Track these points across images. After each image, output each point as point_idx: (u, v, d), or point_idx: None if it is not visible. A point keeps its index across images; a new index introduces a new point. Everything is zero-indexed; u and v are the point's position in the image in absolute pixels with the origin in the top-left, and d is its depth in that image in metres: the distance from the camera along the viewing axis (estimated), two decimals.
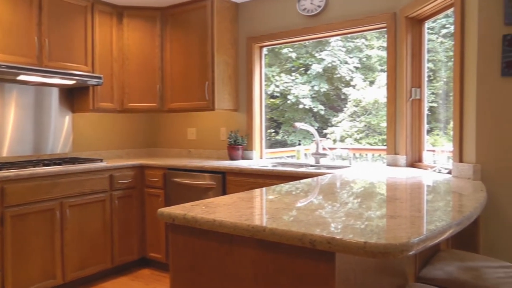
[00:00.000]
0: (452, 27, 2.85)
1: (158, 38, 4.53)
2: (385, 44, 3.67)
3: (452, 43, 2.87)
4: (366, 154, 7.06)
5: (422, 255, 2.10)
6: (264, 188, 2.25)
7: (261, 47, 4.48)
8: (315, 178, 2.75)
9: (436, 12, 3.26)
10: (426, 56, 3.55)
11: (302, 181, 2.61)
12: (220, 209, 1.64)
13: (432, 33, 15.18)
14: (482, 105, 2.55)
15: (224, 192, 3.74)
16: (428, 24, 3.48)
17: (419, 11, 3.30)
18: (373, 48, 16.09)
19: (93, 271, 3.84)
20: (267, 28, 4.31)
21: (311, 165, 3.97)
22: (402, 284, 1.86)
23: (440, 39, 15.45)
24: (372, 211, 1.64)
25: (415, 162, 3.50)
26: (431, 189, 2.33)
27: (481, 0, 2.54)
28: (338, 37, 14.59)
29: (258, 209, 1.72)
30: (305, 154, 4.87)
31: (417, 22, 3.48)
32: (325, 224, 1.40)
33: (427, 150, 3.61)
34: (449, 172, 2.88)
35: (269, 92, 15.56)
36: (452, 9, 2.87)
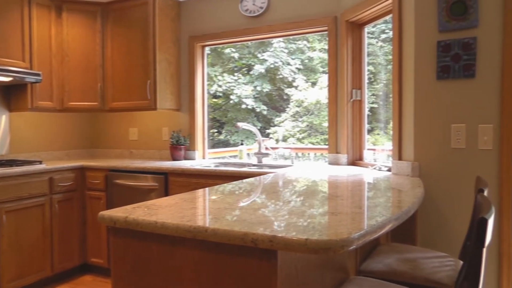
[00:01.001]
0: (391, 33, 2.96)
1: (99, 34, 4.38)
2: (326, 47, 3.74)
3: (391, 47, 2.98)
4: (309, 154, 7.18)
5: (363, 249, 2.16)
6: (207, 188, 2.23)
7: (203, 46, 4.45)
8: (258, 178, 2.76)
9: (376, 17, 3.37)
10: (366, 59, 3.66)
11: (245, 180, 2.61)
12: (162, 211, 1.61)
13: (372, 37, 15.69)
14: (420, 106, 2.67)
15: (166, 193, 3.67)
16: (368, 28, 3.59)
17: (359, 16, 3.39)
18: (315, 50, 16.42)
19: (32, 280, 3.64)
20: (210, 28, 4.28)
21: (254, 165, 3.98)
22: (343, 278, 1.90)
23: (380, 43, 16.00)
24: (315, 208, 1.66)
25: (356, 160, 3.60)
26: (372, 186, 2.40)
27: (417, 8, 2.67)
28: (280, 39, 14.80)
29: (201, 210, 1.70)
30: (248, 154, 4.89)
31: (357, 27, 3.58)
32: (268, 222, 1.41)
33: (368, 149, 3.73)
34: (389, 170, 2.99)
35: (211, 92, 15.50)
36: (390, 15, 2.98)
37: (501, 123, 2.47)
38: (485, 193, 1.84)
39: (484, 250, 1.37)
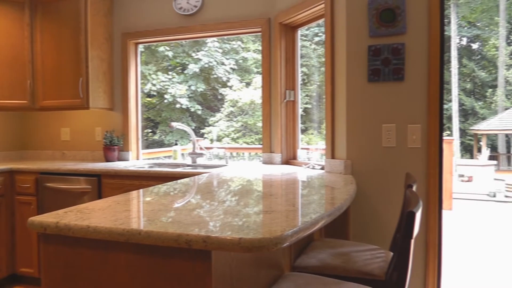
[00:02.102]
0: (324, 36, 3.05)
1: (28, 28, 4.13)
2: (260, 48, 3.79)
3: (324, 50, 3.07)
4: (243, 153, 7.23)
5: (297, 246, 2.21)
6: (141, 190, 2.18)
7: (137, 44, 4.35)
8: (192, 178, 2.74)
9: (308, 21, 3.45)
10: (299, 61, 3.74)
11: (179, 181, 2.58)
12: (94, 215, 1.56)
13: (305, 40, 16.09)
14: (351, 107, 2.79)
15: (99, 196, 3.56)
16: (301, 31, 3.67)
17: (292, 19, 3.46)
18: (249, 50, 16.55)
19: None
20: (143, 25, 4.20)
21: (188, 165, 3.95)
22: (278, 275, 1.94)
23: (313, 46, 16.42)
24: (250, 207, 1.68)
25: (290, 159, 3.67)
26: (306, 184, 2.46)
27: (349, 14, 2.77)
28: (215, 38, 14.79)
29: (135, 212, 1.66)
30: (182, 154, 4.85)
31: (291, 29, 3.66)
32: (203, 223, 1.41)
33: (302, 148, 3.82)
34: (322, 168, 3.09)
35: (145, 91, 15.18)
36: (323, 19, 3.06)
37: (428, 123, 2.64)
38: (414, 188, 1.95)
39: (412, 241, 1.45)
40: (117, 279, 1.40)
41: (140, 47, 4.41)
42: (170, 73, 15.76)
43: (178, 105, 15.44)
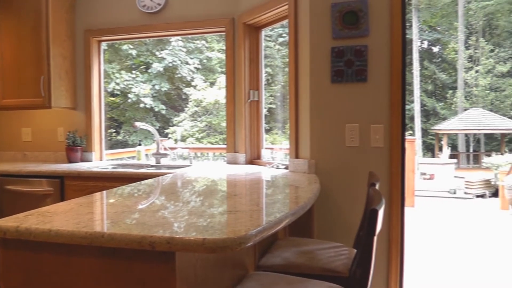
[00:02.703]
0: (288, 37, 3.08)
1: None
2: (225, 47, 3.79)
3: (288, 51, 3.09)
4: (208, 153, 7.21)
5: (261, 245, 2.23)
6: (104, 192, 2.15)
7: (100, 41, 4.27)
8: (157, 179, 2.72)
9: (272, 21, 3.47)
10: (263, 61, 3.76)
11: (143, 182, 2.56)
12: (56, 218, 1.53)
13: (270, 41, 16.16)
14: (315, 107, 2.83)
15: (62, 198, 3.47)
16: (265, 32, 3.69)
17: (256, 19, 3.47)
18: (213, 50, 16.50)
19: None
20: (106, 22, 4.12)
21: (152, 166, 3.91)
22: (243, 275, 1.94)
23: (277, 46, 16.51)
24: (214, 208, 1.68)
25: (254, 159, 3.69)
26: (270, 183, 2.48)
27: (312, 15, 2.81)
28: (179, 37, 14.66)
29: (98, 215, 1.64)
30: (146, 155, 4.79)
31: (255, 29, 3.67)
32: (168, 224, 1.40)
33: (266, 148, 3.84)
34: (286, 168, 3.11)
35: (109, 90, 14.91)
36: (287, 20, 3.09)
37: (391, 123, 2.71)
38: (377, 187, 1.99)
39: (375, 238, 1.49)
40: (81, 283, 1.38)
41: (103, 45, 4.32)
42: (133, 72, 15.53)
43: (142, 105, 15.24)
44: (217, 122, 15.18)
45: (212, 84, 15.84)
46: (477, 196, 11.03)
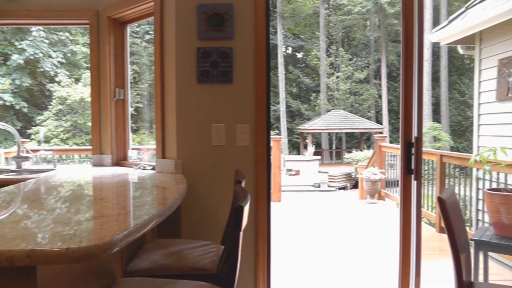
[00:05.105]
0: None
1: None
2: (89, 41, 3.60)
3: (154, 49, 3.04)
4: (73, 156, 6.81)
5: (129, 250, 2.17)
6: None
7: None
8: (18, 185, 2.49)
9: (138, 17, 3.39)
10: (129, 58, 3.65)
11: (3, 189, 2.32)
12: None
13: (136, 37, 15.72)
14: (181, 107, 2.83)
15: None
16: (131, 27, 3.58)
17: (121, 14, 3.36)
18: (78, 44, 15.62)
19: None
20: None
21: (13, 171, 3.58)
22: (110, 283, 1.88)
23: (144, 44, 16.13)
24: (81, 214, 1.60)
25: (120, 160, 3.57)
26: (137, 185, 2.43)
27: (178, 14, 2.80)
28: (40, 27, 13.59)
29: None
30: (6, 158, 4.38)
31: (120, 24, 3.54)
32: (31, 235, 1.29)
33: (133, 149, 3.73)
34: (153, 168, 3.06)
35: None
36: (153, 17, 3.03)
37: (255, 123, 2.82)
38: (243, 184, 2.06)
39: (241, 233, 1.54)
40: None
41: None
42: None
43: (1, 102, 13.82)
44: (83, 121, 14.38)
45: (77, 80, 14.96)
46: (340, 189, 12.03)
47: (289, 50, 28.32)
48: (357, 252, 4.99)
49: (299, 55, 28.86)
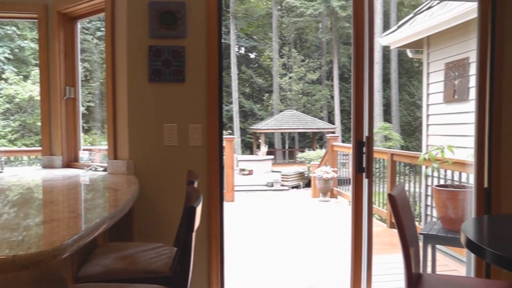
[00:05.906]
0: None
1: None
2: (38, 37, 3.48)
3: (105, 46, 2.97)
4: (22, 157, 6.56)
5: (80, 255, 2.11)
6: None
7: None
8: None
9: (89, 13, 3.29)
10: (79, 55, 3.54)
11: None
12: None
13: (87, 34, 15.27)
14: (133, 107, 2.78)
15: None
16: (82, 23, 3.48)
17: (71, 8, 3.26)
18: (26, 39, 15.03)
19: None
20: None
21: None
22: None
23: (95, 41, 15.71)
24: (30, 218, 1.54)
25: (71, 162, 3.46)
26: (89, 187, 2.37)
27: (129, 11, 2.75)
28: None
29: None
30: None
31: (70, 20, 3.43)
32: None
33: (85, 149, 3.63)
34: (105, 170, 3.00)
35: None
36: (104, 13, 2.96)
37: (208, 122, 2.81)
38: (195, 184, 2.05)
39: (193, 234, 1.54)
40: None
41: None
42: None
43: None
44: (33, 121, 13.84)
45: (26, 77, 14.37)
46: (293, 187, 12.16)
47: (242, 50, 28.45)
48: (310, 249, 5.08)
49: (252, 56, 29.04)
